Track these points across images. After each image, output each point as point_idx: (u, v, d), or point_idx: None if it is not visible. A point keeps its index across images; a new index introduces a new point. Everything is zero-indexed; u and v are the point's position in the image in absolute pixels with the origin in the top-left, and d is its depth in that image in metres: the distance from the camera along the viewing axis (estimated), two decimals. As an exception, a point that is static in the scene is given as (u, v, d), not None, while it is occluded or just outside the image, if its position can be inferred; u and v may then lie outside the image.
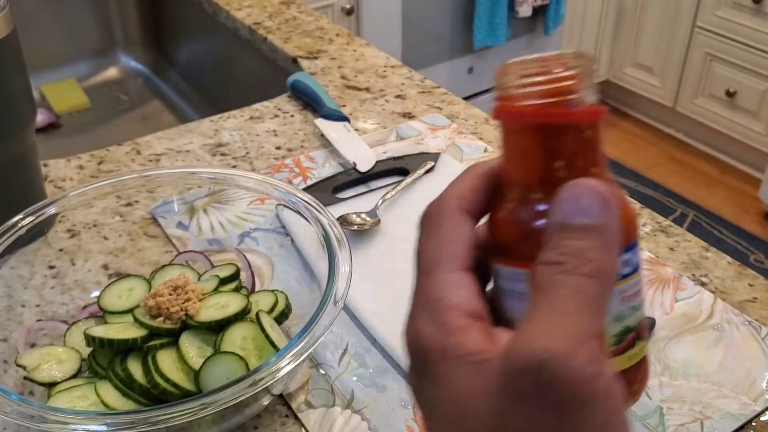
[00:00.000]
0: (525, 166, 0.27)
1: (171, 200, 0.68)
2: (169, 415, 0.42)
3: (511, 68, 0.27)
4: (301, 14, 1.07)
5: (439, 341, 0.26)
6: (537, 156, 0.27)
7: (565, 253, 0.25)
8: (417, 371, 0.27)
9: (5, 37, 0.57)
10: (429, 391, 0.26)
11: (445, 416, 0.26)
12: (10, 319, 0.55)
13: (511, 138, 0.28)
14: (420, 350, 0.26)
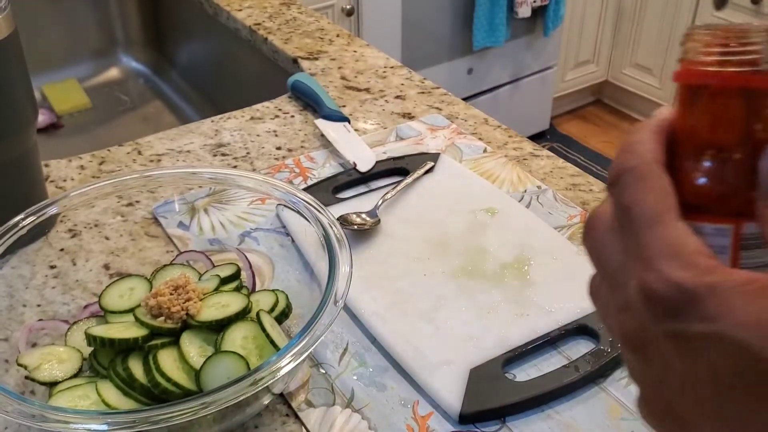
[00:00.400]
0: (725, 128, 0.29)
1: (172, 200, 0.68)
2: (170, 415, 0.42)
3: (706, 35, 0.30)
4: (302, 15, 1.08)
5: (704, 281, 0.25)
6: (740, 118, 0.29)
7: None
8: (678, 317, 0.25)
9: (6, 37, 0.58)
10: (704, 328, 0.25)
11: (734, 342, 0.24)
12: (12, 318, 0.55)
13: (711, 101, 0.30)
14: (683, 293, 0.25)
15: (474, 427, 0.50)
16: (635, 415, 0.50)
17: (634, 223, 0.28)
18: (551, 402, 0.51)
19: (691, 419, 0.27)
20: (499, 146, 0.80)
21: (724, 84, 0.29)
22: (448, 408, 0.50)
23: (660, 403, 0.28)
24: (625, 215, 0.28)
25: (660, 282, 0.26)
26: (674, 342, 0.26)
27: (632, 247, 0.27)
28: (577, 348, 0.55)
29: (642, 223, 0.27)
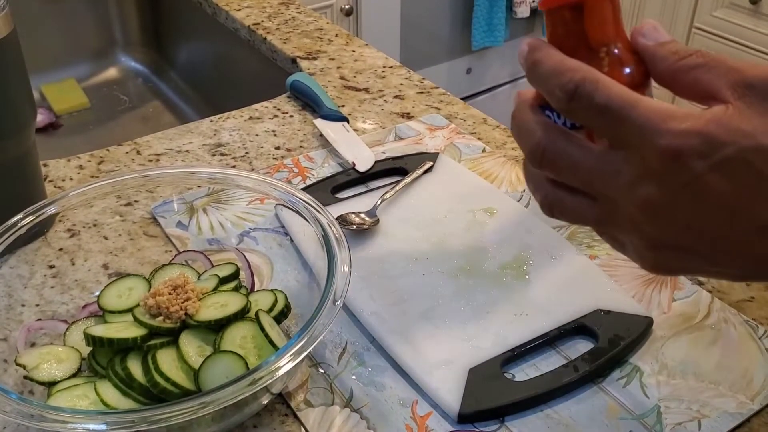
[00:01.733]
0: (610, 23, 0.35)
1: (171, 200, 0.68)
2: (168, 414, 0.42)
3: None
4: (301, 15, 1.08)
5: (706, 119, 0.30)
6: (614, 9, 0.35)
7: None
8: (714, 150, 0.30)
9: (5, 37, 0.57)
10: (742, 143, 0.30)
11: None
12: (10, 318, 0.55)
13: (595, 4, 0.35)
14: (702, 134, 0.30)
15: (473, 426, 0.50)
16: (634, 414, 0.50)
17: (620, 112, 0.31)
18: (550, 401, 0.51)
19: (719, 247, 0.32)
20: (498, 146, 0.80)
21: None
22: (446, 408, 0.50)
23: (687, 243, 0.32)
24: (604, 113, 0.32)
25: (679, 137, 0.30)
26: (719, 173, 0.30)
27: (627, 132, 0.31)
28: (575, 347, 0.55)
29: (627, 108, 0.31)
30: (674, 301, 0.59)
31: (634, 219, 0.33)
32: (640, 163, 0.31)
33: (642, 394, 0.52)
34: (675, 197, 0.31)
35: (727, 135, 0.30)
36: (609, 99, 0.32)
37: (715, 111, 0.31)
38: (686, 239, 0.32)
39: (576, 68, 0.33)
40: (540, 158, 0.34)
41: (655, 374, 0.53)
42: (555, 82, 0.33)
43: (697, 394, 0.52)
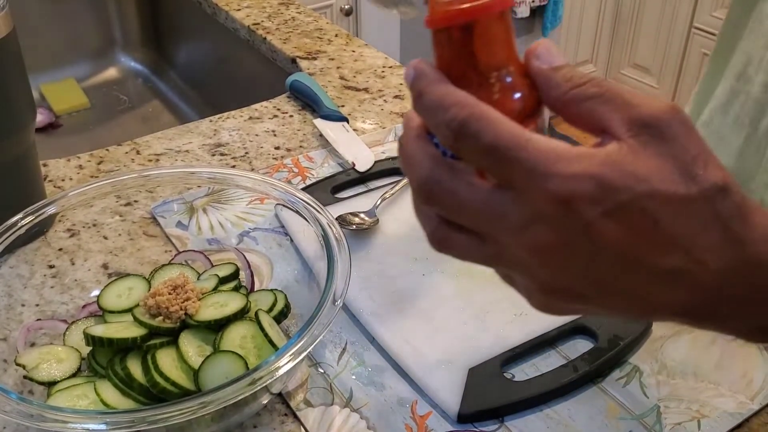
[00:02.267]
0: (499, 47, 0.32)
1: (170, 200, 0.68)
2: (168, 414, 0.42)
3: None
4: (300, 15, 1.08)
5: (599, 162, 0.29)
6: (502, 36, 0.32)
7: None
8: (606, 196, 0.28)
9: (5, 37, 0.57)
10: (636, 189, 0.28)
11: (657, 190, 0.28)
12: (10, 318, 0.55)
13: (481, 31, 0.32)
14: (595, 178, 0.28)
15: (472, 426, 0.50)
16: (633, 414, 0.50)
17: (508, 153, 0.29)
18: (549, 401, 0.51)
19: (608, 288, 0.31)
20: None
21: (488, 11, 0.31)
22: (446, 408, 0.50)
23: (580, 289, 0.31)
24: (491, 154, 0.30)
25: (570, 182, 0.28)
26: (613, 220, 0.28)
27: (516, 174, 0.29)
28: (575, 347, 0.55)
29: (515, 149, 0.29)
30: (674, 301, 0.59)
31: (524, 262, 0.31)
32: (530, 206, 0.29)
33: (641, 394, 0.52)
34: (567, 244, 0.29)
35: (620, 179, 0.28)
36: (496, 139, 0.29)
37: (609, 151, 0.29)
38: (580, 286, 0.31)
39: (462, 103, 0.30)
40: (427, 195, 0.32)
41: (655, 374, 0.53)
42: (440, 117, 0.31)
43: (697, 394, 0.52)
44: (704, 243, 0.29)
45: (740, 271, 0.29)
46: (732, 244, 0.29)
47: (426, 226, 0.34)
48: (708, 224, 0.29)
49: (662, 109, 0.29)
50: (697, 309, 0.31)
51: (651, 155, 0.29)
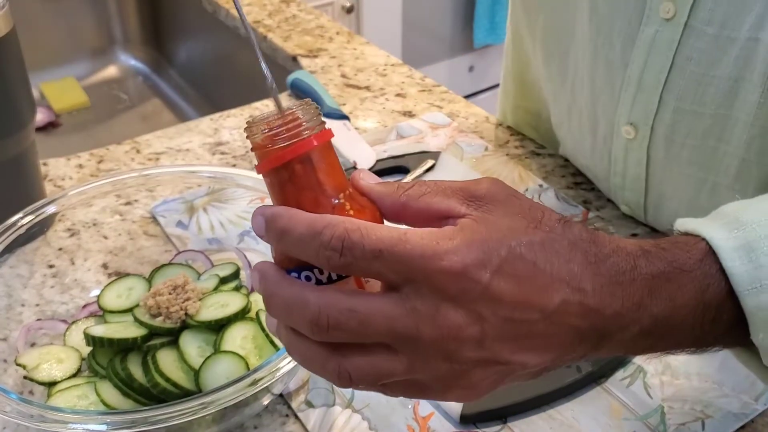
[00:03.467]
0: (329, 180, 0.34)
1: (171, 199, 0.68)
2: (169, 415, 0.42)
3: (261, 126, 0.34)
4: (301, 12, 1.07)
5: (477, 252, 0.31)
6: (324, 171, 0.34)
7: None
8: (486, 263, 0.31)
9: (5, 36, 0.57)
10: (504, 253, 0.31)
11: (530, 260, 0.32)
12: (10, 318, 0.55)
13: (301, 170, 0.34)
14: (478, 245, 0.31)
15: (475, 427, 0.49)
16: (637, 414, 0.50)
17: (394, 250, 0.30)
18: (552, 402, 0.51)
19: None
20: (500, 144, 0.80)
21: (298, 154, 0.33)
22: (448, 408, 0.50)
23: (497, 351, 0.32)
24: (379, 257, 0.30)
25: (458, 254, 0.30)
26: (502, 275, 0.31)
27: (409, 267, 0.30)
28: (578, 347, 0.55)
29: (399, 244, 0.31)
30: (677, 301, 0.59)
31: (446, 349, 0.31)
32: (432, 292, 0.31)
33: (645, 394, 0.52)
34: (476, 312, 0.31)
35: (494, 240, 0.31)
36: (380, 241, 0.31)
37: (466, 223, 0.32)
38: (499, 350, 0.32)
39: (332, 222, 0.31)
40: (326, 326, 0.31)
41: (659, 374, 0.53)
42: (316, 244, 0.31)
43: (701, 394, 0.51)
44: (575, 270, 0.32)
45: (610, 286, 0.33)
46: (596, 264, 0.33)
47: (327, 369, 0.32)
48: (570, 254, 0.32)
49: (488, 183, 0.34)
50: (592, 334, 0.33)
51: (500, 217, 0.32)
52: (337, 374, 0.32)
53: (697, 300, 0.34)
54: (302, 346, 0.33)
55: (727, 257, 0.34)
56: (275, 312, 0.33)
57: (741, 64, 0.51)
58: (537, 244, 0.32)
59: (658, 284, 0.34)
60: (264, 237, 0.33)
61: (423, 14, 2.08)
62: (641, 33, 0.56)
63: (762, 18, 0.49)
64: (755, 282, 0.34)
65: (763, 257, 0.34)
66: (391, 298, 0.31)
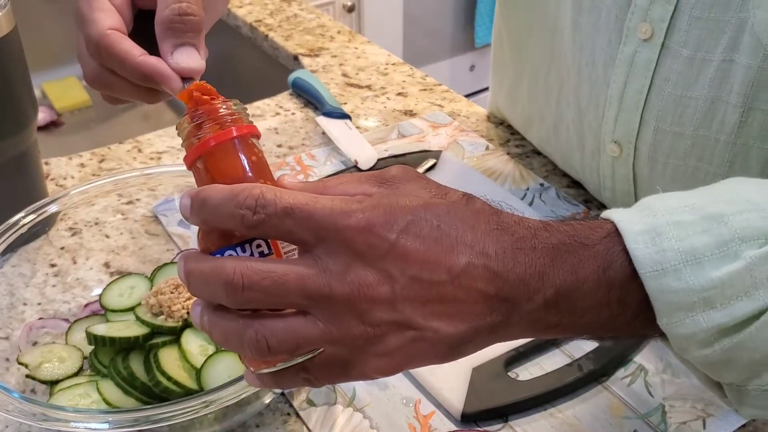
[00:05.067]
0: (247, 170, 0.36)
1: (172, 198, 0.68)
2: (171, 414, 0.42)
3: (188, 122, 0.37)
4: (302, 12, 1.07)
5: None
6: (244, 158, 0.37)
7: None
8: (391, 223, 0.33)
9: (7, 35, 0.57)
10: (410, 217, 0.33)
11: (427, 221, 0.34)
12: (12, 317, 0.55)
13: (218, 160, 0.37)
14: (384, 208, 0.33)
15: (476, 425, 0.50)
16: (638, 413, 0.50)
17: (306, 208, 0.32)
18: (554, 401, 0.51)
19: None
20: (501, 143, 0.80)
21: (219, 143, 0.36)
22: (450, 407, 0.50)
23: (406, 313, 0.33)
24: (291, 214, 0.32)
25: (365, 212, 0.32)
26: (409, 235, 0.33)
27: (319, 225, 0.32)
28: (580, 346, 0.55)
29: (310, 203, 0.33)
30: (679, 300, 0.59)
31: (359, 308, 0.32)
32: (342, 250, 0.32)
33: (646, 393, 0.52)
34: (385, 270, 0.32)
35: (401, 204, 0.33)
36: (293, 199, 0.32)
37: (375, 192, 0.35)
38: (408, 311, 0.33)
39: (249, 186, 0.33)
40: (240, 285, 0.32)
41: (660, 373, 0.53)
42: (233, 205, 0.32)
43: (702, 392, 0.51)
44: (479, 236, 0.34)
45: (513, 251, 0.34)
46: (499, 230, 0.34)
47: (244, 338, 0.33)
48: (474, 221, 0.34)
49: (397, 168, 0.36)
50: (500, 304, 0.34)
51: (409, 189, 0.35)
52: (255, 342, 0.32)
53: (598, 275, 0.34)
54: (222, 322, 0.33)
55: (631, 239, 0.34)
56: (194, 288, 0.34)
57: (717, 85, 0.52)
58: (442, 211, 0.34)
59: (559, 255, 0.34)
60: (189, 217, 0.34)
61: (424, 13, 2.08)
62: (620, 53, 0.57)
63: (735, 40, 0.50)
64: (657, 265, 0.34)
65: (667, 242, 0.34)
66: (305, 259, 0.32)
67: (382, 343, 0.33)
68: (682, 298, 0.34)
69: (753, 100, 0.50)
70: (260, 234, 0.33)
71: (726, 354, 0.35)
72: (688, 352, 0.35)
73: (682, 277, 0.33)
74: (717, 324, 0.34)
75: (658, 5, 0.53)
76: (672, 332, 0.35)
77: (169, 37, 0.41)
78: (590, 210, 0.69)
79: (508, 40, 0.75)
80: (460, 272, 0.33)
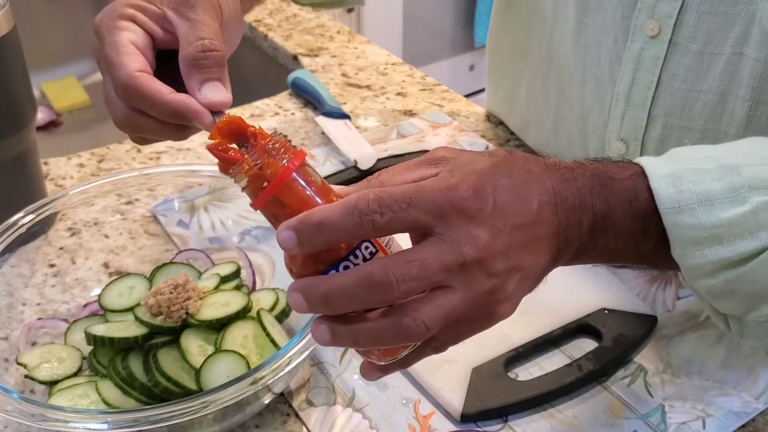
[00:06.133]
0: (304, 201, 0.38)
1: (171, 198, 0.68)
2: (170, 414, 0.42)
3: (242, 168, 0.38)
4: (302, 11, 1.07)
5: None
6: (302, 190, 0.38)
7: None
8: (483, 186, 0.37)
9: (6, 35, 0.57)
10: (495, 179, 0.37)
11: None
12: (11, 317, 0.55)
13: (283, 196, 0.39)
14: (476, 174, 0.37)
15: (476, 426, 0.49)
16: (638, 413, 0.50)
17: (419, 195, 0.35)
18: (553, 401, 0.51)
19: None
20: (501, 143, 0.80)
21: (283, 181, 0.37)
22: (449, 407, 0.50)
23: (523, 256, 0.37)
24: (413, 204, 0.35)
25: (463, 184, 0.36)
26: (497, 193, 0.37)
27: (437, 207, 0.35)
28: (579, 347, 0.55)
29: (418, 191, 0.35)
30: (679, 300, 0.59)
31: (486, 265, 0.36)
32: (459, 220, 0.35)
33: (646, 393, 0.52)
34: (494, 227, 0.36)
35: (476, 171, 0.37)
36: (405, 192, 0.35)
37: (448, 168, 0.38)
38: (522, 255, 0.37)
39: (359, 194, 0.35)
40: (395, 281, 0.34)
41: (660, 373, 0.53)
42: (356, 215, 0.34)
43: (702, 393, 0.51)
44: (537, 178, 0.38)
45: (564, 184, 0.39)
46: (548, 170, 0.39)
47: (404, 329, 0.35)
48: (528, 167, 0.39)
49: (439, 149, 0.40)
50: (561, 233, 0.38)
51: (466, 158, 0.38)
52: (414, 328, 0.35)
53: (626, 207, 0.40)
54: (367, 326, 0.35)
55: (655, 180, 0.40)
56: (338, 303, 0.35)
57: (727, 78, 0.52)
58: (505, 167, 0.38)
59: (594, 186, 0.40)
60: (297, 246, 0.36)
61: (424, 13, 2.08)
62: (627, 50, 0.57)
63: (745, 33, 0.50)
64: (675, 203, 0.39)
65: (686, 185, 0.39)
66: (431, 241, 0.35)
67: (503, 290, 0.37)
68: (694, 233, 0.39)
69: (761, 92, 0.51)
70: (387, 233, 0.36)
71: (728, 285, 0.40)
72: (695, 281, 0.41)
73: (695, 215, 0.39)
74: (722, 258, 0.39)
75: (665, 2, 0.54)
76: (683, 262, 0.40)
77: (196, 74, 0.44)
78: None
79: (505, 46, 0.75)
80: (538, 211, 0.37)
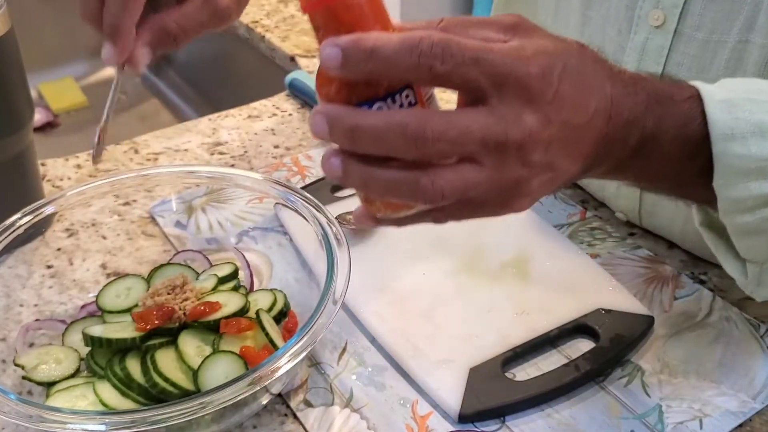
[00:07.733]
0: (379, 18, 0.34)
1: (169, 199, 0.68)
2: (168, 415, 0.42)
3: None
4: (299, 12, 1.07)
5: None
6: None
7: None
8: (552, 69, 0.34)
9: (3, 36, 0.57)
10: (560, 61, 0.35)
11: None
12: (9, 318, 0.55)
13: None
14: (548, 56, 0.34)
15: (474, 426, 0.50)
16: (635, 413, 0.50)
17: (487, 56, 0.33)
18: (551, 401, 0.51)
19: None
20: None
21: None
22: (447, 407, 0.50)
23: (568, 150, 0.36)
24: (478, 62, 0.32)
25: (538, 60, 0.34)
26: (564, 82, 0.34)
27: (501, 72, 0.33)
28: (576, 347, 0.55)
29: (490, 52, 0.33)
30: (675, 300, 0.59)
31: (524, 152, 0.34)
32: (516, 97, 0.33)
33: (643, 393, 0.52)
34: (547, 116, 0.34)
35: (550, 52, 0.35)
36: (475, 48, 0.32)
37: (523, 40, 0.35)
38: (559, 155, 0.35)
39: (426, 34, 0.32)
40: (431, 137, 0.32)
41: (657, 373, 0.53)
42: (416, 54, 0.32)
43: (699, 392, 0.52)
44: (601, 81, 0.37)
45: (624, 97, 0.37)
46: (612, 76, 0.38)
47: (421, 189, 0.34)
48: (596, 66, 0.37)
49: (511, 16, 0.37)
50: (602, 143, 0.37)
51: (540, 38, 0.36)
52: (430, 190, 0.33)
53: (678, 130, 0.39)
54: (386, 173, 0.34)
55: (711, 105, 0.39)
56: (363, 142, 0.33)
57: (732, 67, 0.52)
58: (577, 56, 0.36)
59: (652, 103, 0.38)
60: (339, 67, 0.32)
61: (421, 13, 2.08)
62: (630, 41, 0.57)
63: (751, 20, 0.50)
64: (728, 130, 0.38)
65: (741, 113, 0.38)
66: (480, 110, 0.33)
67: (528, 185, 0.35)
68: (742, 163, 0.38)
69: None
70: (441, 84, 0.33)
71: (763, 224, 0.39)
72: (731, 216, 0.40)
73: (746, 145, 0.38)
74: (765, 193, 0.39)
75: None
76: (723, 194, 0.39)
77: None
78: (587, 210, 0.69)
79: None
80: (593, 115, 0.36)
